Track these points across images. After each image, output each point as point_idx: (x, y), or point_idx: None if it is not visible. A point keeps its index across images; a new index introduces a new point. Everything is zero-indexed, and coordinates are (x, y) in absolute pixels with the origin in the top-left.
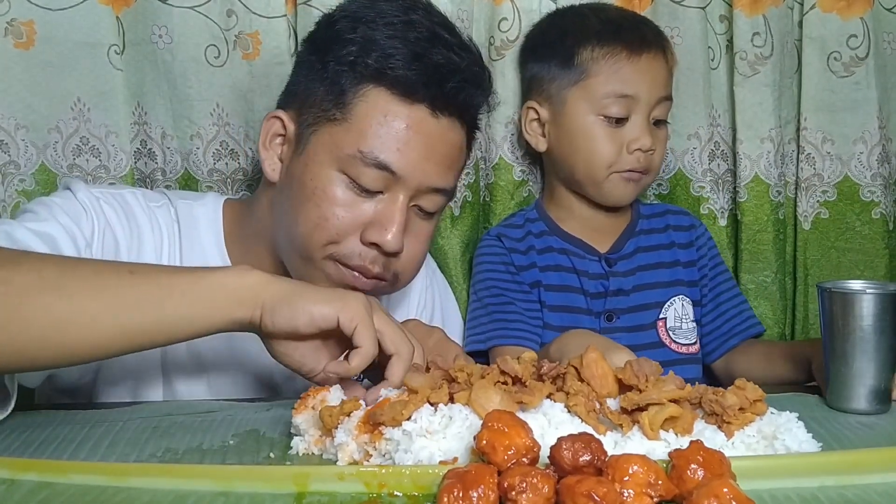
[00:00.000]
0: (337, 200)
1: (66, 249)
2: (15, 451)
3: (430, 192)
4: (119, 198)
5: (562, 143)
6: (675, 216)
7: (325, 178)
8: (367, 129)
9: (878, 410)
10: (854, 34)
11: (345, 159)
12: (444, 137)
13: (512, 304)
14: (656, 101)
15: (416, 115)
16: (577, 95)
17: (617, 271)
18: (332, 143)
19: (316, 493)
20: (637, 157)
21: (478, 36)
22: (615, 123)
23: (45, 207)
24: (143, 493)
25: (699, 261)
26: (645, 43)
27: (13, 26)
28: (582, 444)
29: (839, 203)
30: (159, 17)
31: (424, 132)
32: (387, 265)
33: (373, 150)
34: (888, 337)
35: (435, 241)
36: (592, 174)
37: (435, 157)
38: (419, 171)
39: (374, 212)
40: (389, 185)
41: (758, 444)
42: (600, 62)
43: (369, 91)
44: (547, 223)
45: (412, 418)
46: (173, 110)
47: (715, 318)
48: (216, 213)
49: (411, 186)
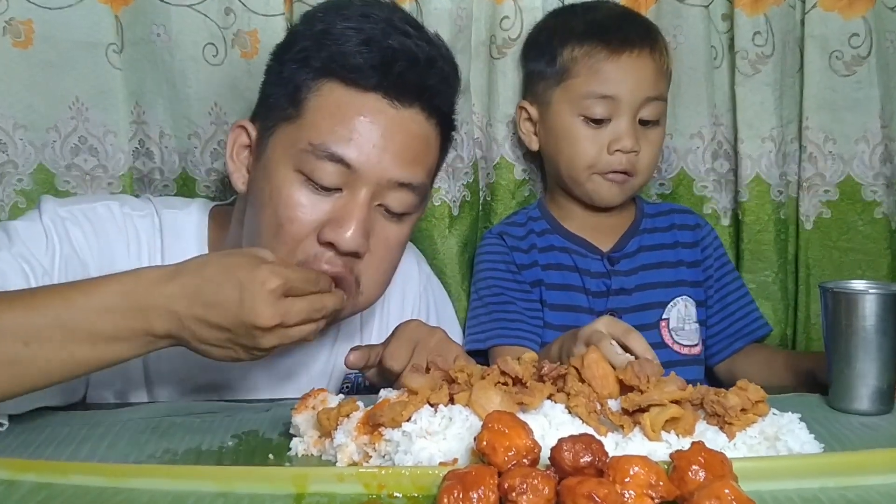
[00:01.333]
0: (292, 202)
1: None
2: (14, 451)
3: (394, 189)
4: (90, 213)
5: (549, 144)
6: (680, 215)
7: (281, 178)
8: (319, 121)
9: (881, 411)
10: (856, 33)
11: (298, 156)
12: (404, 127)
13: (512, 303)
14: (641, 102)
15: (371, 103)
16: (559, 96)
17: (619, 270)
18: (286, 141)
19: (315, 494)
20: (619, 158)
21: (478, 34)
22: (596, 124)
23: (5, 236)
24: (143, 493)
25: (704, 261)
26: (627, 42)
27: (12, 26)
28: (583, 445)
29: (841, 203)
30: (158, 16)
31: (380, 121)
32: (348, 266)
33: (324, 141)
34: (890, 337)
35: (433, 242)
36: (574, 175)
37: (393, 147)
38: (376, 161)
39: (331, 210)
40: (348, 180)
41: (759, 446)
42: (580, 62)
43: (323, 85)
44: (549, 221)
45: (412, 419)
46: (172, 109)
47: (721, 320)
48: (202, 221)
49: (371, 181)
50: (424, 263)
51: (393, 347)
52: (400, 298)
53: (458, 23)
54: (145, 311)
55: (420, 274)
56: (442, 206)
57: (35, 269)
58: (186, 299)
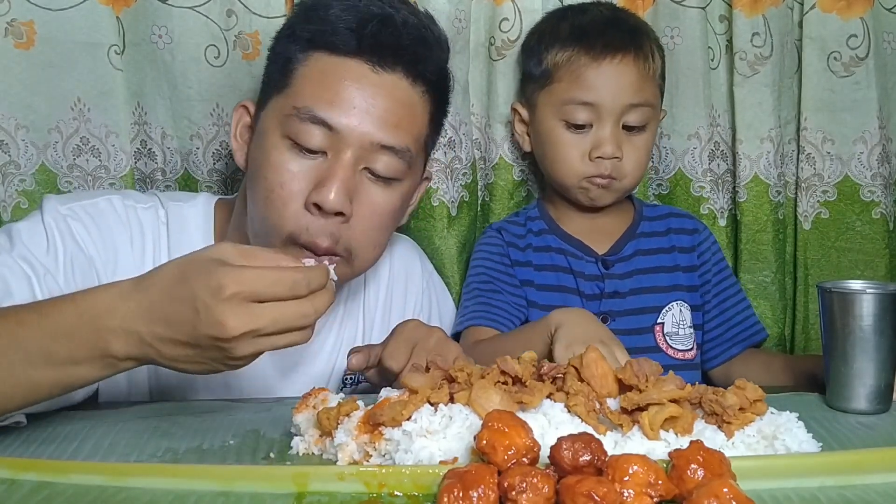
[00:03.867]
0: (281, 167)
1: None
2: (15, 450)
3: (378, 152)
4: (91, 208)
5: (537, 146)
6: (678, 219)
7: (271, 145)
8: (304, 88)
9: (879, 410)
10: (854, 34)
11: (285, 121)
12: (388, 92)
13: (500, 293)
14: (623, 109)
15: (355, 69)
16: (544, 99)
17: (613, 273)
18: (276, 110)
19: (316, 492)
20: (601, 164)
21: (477, 36)
22: (578, 129)
23: (7, 239)
24: (144, 493)
25: (701, 266)
26: (608, 47)
27: (13, 27)
28: (582, 444)
29: (839, 203)
30: (159, 17)
31: (363, 85)
32: (335, 237)
33: (308, 105)
34: (888, 337)
35: (432, 242)
36: (561, 179)
37: (376, 110)
38: (357, 124)
39: (317, 175)
40: (332, 143)
41: (758, 444)
42: (562, 67)
43: (310, 56)
44: (547, 222)
45: (412, 418)
46: (173, 110)
47: (718, 325)
48: (207, 213)
49: (353, 143)
50: (427, 261)
51: (392, 347)
52: (402, 296)
53: (456, 24)
54: (102, 334)
55: (423, 271)
56: (440, 207)
57: (37, 270)
58: (144, 318)
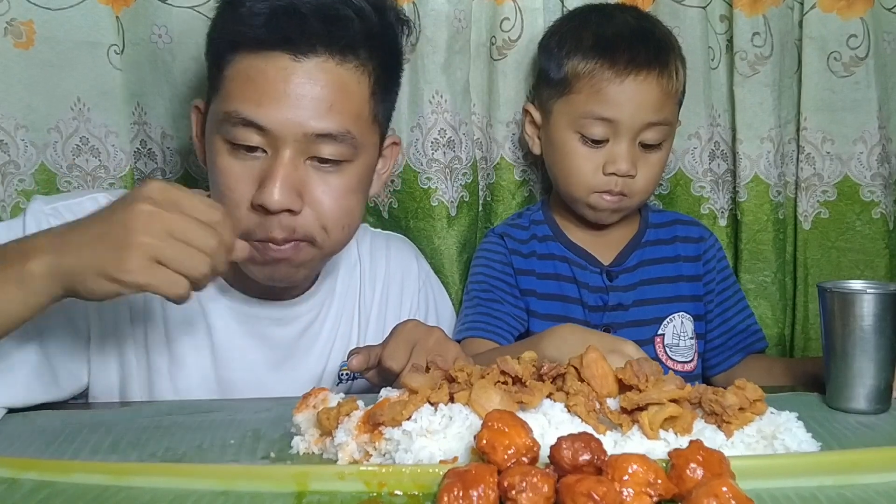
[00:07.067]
0: (225, 171)
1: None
2: (15, 450)
3: (317, 141)
4: (75, 207)
5: (548, 152)
6: (684, 227)
7: (215, 150)
8: (232, 90)
9: (878, 410)
10: (854, 34)
11: (220, 126)
12: (312, 78)
13: (501, 302)
14: (642, 127)
15: (276, 64)
16: (560, 108)
17: (618, 286)
18: (213, 114)
19: (316, 492)
20: (614, 180)
21: (478, 35)
22: (594, 144)
23: None
24: (144, 492)
25: (706, 275)
26: (634, 63)
27: (13, 26)
28: (582, 444)
29: (839, 203)
30: (159, 17)
31: (286, 77)
32: (290, 228)
33: (237, 108)
34: (888, 337)
35: (431, 242)
36: (570, 191)
37: (305, 101)
38: (286, 119)
39: (260, 172)
40: (268, 142)
41: (757, 444)
42: (583, 79)
43: (234, 57)
44: (552, 227)
45: (412, 418)
46: (173, 110)
47: (721, 335)
48: None
49: (288, 139)
50: (423, 261)
51: (391, 348)
52: (398, 295)
53: (457, 24)
54: (26, 252)
55: (419, 271)
56: (440, 207)
57: None
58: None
